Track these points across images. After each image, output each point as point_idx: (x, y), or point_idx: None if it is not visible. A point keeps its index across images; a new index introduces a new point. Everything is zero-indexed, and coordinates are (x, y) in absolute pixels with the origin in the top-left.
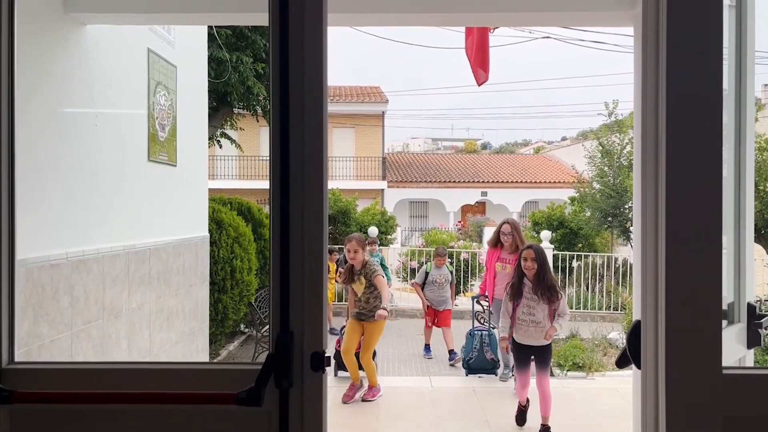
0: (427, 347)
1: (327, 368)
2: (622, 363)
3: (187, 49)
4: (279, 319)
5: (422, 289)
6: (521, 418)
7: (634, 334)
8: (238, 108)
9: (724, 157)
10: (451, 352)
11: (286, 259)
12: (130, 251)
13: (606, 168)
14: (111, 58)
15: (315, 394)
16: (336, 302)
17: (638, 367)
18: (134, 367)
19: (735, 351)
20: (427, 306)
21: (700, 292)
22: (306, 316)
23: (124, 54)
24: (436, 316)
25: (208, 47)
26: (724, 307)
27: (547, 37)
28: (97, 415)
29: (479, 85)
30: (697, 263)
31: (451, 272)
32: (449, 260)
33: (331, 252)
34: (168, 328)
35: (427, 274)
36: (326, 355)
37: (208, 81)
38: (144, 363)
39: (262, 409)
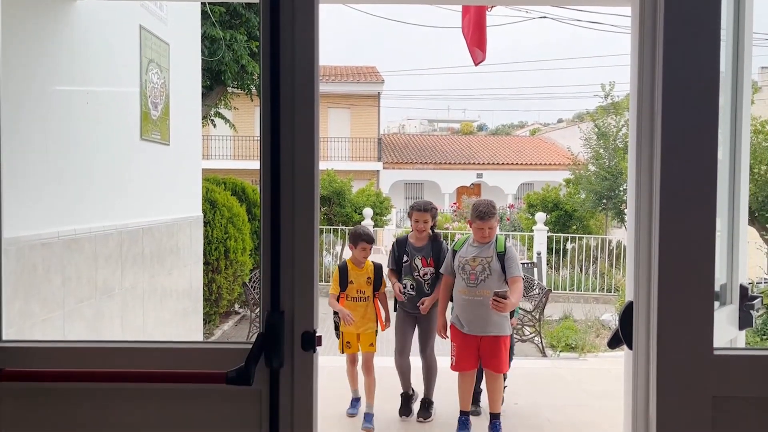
0: (463, 418)
1: (318, 347)
2: (613, 344)
3: (180, 26)
4: (270, 298)
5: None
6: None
7: (627, 314)
8: (233, 87)
9: (719, 139)
10: (494, 417)
11: (277, 238)
12: (123, 230)
13: (601, 150)
14: (102, 34)
15: (305, 373)
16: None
17: (630, 347)
18: (123, 346)
19: (727, 332)
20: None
21: (692, 273)
22: (296, 296)
23: (115, 31)
24: (477, 350)
25: (202, 25)
26: (717, 288)
27: (544, 17)
28: (85, 393)
29: (476, 64)
30: (690, 244)
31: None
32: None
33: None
34: (161, 307)
35: (455, 253)
36: (317, 334)
37: (202, 59)
38: (134, 342)
39: (253, 388)
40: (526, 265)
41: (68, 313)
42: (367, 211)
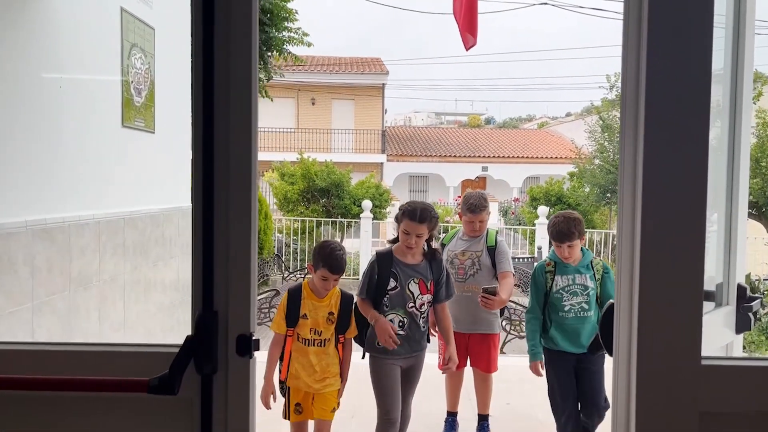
0: (450, 419)
1: (256, 352)
2: (593, 348)
3: (168, 11)
4: (201, 296)
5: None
6: None
7: (608, 317)
8: None
9: (718, 132)
10: (483, 419)
11: (210, 229)
12: (101, 220)
13: (606, 143)
14: (79, 16)
15: (241, 380)
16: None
17: (610, 354)
18: (42, 349)
19: (722, 336)
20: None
21: (678, 272)
22: (231, 295)
23: (93, 12)
24: (465, 348)
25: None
26: (712, 288)
27: (545, 3)
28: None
29: (467, 49)
30: (677, 240)
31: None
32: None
33: None
34: (145, 299)
35: (443, 246)
36: (254, 338)
37: None
38: (55, 344)
39: (182, 396)
40: (526, 259)
41: (38, 306)
42: (366, 204)
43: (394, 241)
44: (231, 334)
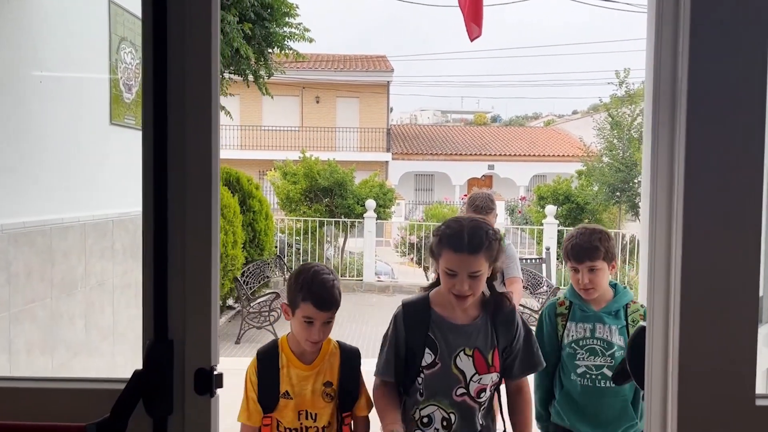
0: None
1: (218, 390)
2: (620, 379)
3: None
4: (153, 323)
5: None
6: None
7: (638, 343)
8: (229, 73)
9: None
10: None
11: (163, 244)
12: (87, 223)
13: (615, 141)
14: (63, 8)
15: (201, 423)
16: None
17: (641, 387)
18: None
19: (763, 358)
20: None
21: (727, 290)
22: (189, 321)
23: (78, 4)
24: None
25: None
26: None
27: None
28: None
29: (471, 40)
30: (725, 250)
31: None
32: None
33: None
34: (136, 304)
35: None
36: (216, 372)
37: None
38: None
39: None
40: (534, 260)
41: (15, 315)
42: (370, 203)
43: (434, 285)
44: (188, 368)
